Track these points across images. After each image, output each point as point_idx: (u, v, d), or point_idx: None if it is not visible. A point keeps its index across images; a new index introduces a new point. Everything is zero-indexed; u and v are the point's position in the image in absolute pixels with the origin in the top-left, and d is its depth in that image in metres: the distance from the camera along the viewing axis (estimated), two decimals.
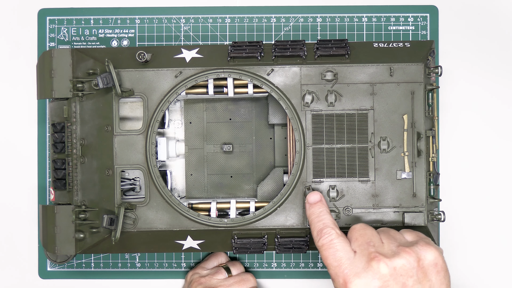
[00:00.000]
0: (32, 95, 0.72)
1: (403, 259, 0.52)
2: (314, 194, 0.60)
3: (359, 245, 0.54)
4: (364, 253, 0.53)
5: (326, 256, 0.55)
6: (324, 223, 0.57)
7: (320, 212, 0.58)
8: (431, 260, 0.53)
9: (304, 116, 0.62)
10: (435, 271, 0.53)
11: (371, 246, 0.54)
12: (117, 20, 0.72)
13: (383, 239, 0.55)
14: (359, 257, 0.53)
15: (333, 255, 0.54)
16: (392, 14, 0.71)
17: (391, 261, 0.52)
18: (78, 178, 0.62)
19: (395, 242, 0.55)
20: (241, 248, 0.62)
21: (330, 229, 0.56)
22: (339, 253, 0.54)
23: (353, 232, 0.56)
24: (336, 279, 0.53)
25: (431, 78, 0.63)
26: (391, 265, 0.52)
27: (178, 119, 0.70)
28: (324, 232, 0.56)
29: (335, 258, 0.54)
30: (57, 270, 0.72)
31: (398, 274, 0.52)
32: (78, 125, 0.62)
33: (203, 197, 0.70)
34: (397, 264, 0.52)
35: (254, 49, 0.62)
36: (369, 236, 0.55)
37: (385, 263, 0.52)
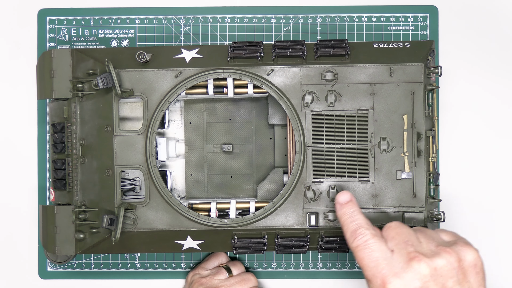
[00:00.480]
0: (32, 95, 0.72)
1: (444, 259, 0.51)
2: (344, 194, 0.58)
3: (396, 244, 0.53)
4: (403, 252, 0.51)
5: (361, 257, 0.53)
6: (357, 223, 0.55)
7: (352, 212, 0.56)
8: (471, 260, 0.52)
9: (304, 116, 0.62)
10: (475, 272, 0.52)
11: (409, 245, 0.52)
12: (117, 20, 0.72)
13: (421, 238, 0.53)
14: (397, 257, 0.52)
15: (369, 255, 0.52)
16: (392, 14, 0.71)
17: (432, 261, 0.50)
18: (78, 178, 0.62)
19: (433, 241, 0.53)
20: (241, 248, 0.62)
21: (364, 229, 0.54)
22: (375, 253, 0.52)
23: (389, 230, 0.54)
24: (374, 280, 0.51)
25: (431, 78, 0.63)
26: (432, 265, 0.50)
27: (178, 119, 0.70)
28: (359, 233, 0.54)
29: (371, 258, 0.52)
30: (57, 270, 0.72)
31: (439, 274, 0.50)
32: (78, 125, 0.62)
33: (203, 197, 0.70)
34: (438, 264, 0.50)
35: (254, 49, 0.62)
36: (406, 234, 0.53)
37: (426, 263, 0.50)
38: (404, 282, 0.50)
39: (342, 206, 0.57)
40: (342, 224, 0.57)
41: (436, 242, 0.53)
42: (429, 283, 0.50)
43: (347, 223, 0.56)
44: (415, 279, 0.50)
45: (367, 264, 0.52)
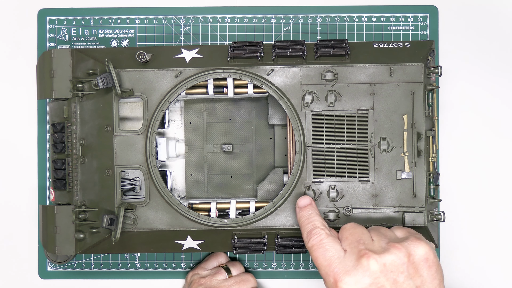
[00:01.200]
0: (32, 95, 0.72)
1: (392, 255, 0.52)
2: (304, 198, 0.60)
3: (349, 243, 0.54)
4: (354, 251, 0.53)
5: (316, 256, 0.54)
6: (313, 224, 0.57)
7: (310, 215, 0.58)
8: (421, 255, 0.52)
9: (304, 116, 0.62)
10: (427, 266, 0.52)
11: (361, 243, 0.53)
12: (117, 20, 0.72)
13: (373, 237, 0.55)
14: (349, 256, 0.53)
15: (323, 255, 0.54)
16: (392, 14, 0.71)
17: (381, 257, 0.51)
18: (78, 178, 0.62)
19: (385, 239, 0.54)
20: (241, 248, 0.62)
21: (320, 230, 0.56)
22: (329, 252, 0.54)
23: (343, 231, 0.56)
24: (327, 278, 0.53)
25: (431, 78, 0.63)
26: (381, 261, 0.51)
27: (178, 119, 0.70)
28: (314, 233, 0.56)
29: (325, 257, 0.53)
30: (57, 270, 0.72)
31: (389, 270, 0.51)
32: (78, 125, 0.62)
33: (203, 197, 0.70)
34: (387, 260, 0.51)
35: (254, 49, 0.62)
36: (359, 234, 0.54)
37: (375, 260, 0.51)
38: (355, 279, 0.51)
39: (301, 209, 0.59)
40: (300, 226, 0.58)
41: (388, 239, 0.54)
42: (380, 279, 0.51)
43: (304, 225, 0.58)
44: (365, 276, 0.51)
45: (321, 263, 0.54)
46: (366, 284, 0.51)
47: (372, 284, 0.51)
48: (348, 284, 0.51)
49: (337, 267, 0.52)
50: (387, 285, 0.51)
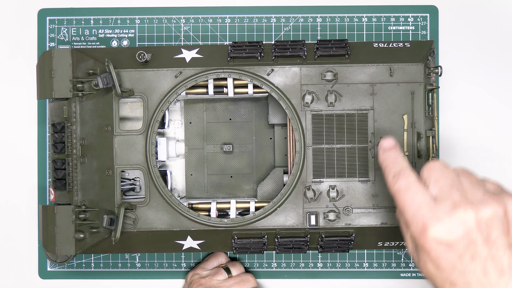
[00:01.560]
0: (32, 95, 0.72)
1: (490, 208, 0.48)
2: (388, 140, 0.55)
3: (441, 188, 0.50)
4: (448, 199, 0.49)
5: (403, 199, 0.50)
6: (401, 166, 0.52)
7: (396, 156, 0.54)
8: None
9: (304, 116, 0.62)
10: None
11: (455, 190, 0.49)
12: (117, 20, 0.72)
13: (465, 183, 0.50)
14: (442, 203, 0.49)
15: (412, 199, 0.50)
16: (392, 14, 0.71)
17: (479, 210, 0.48)
18: (78, 178, 0.62)
19: (479, 189, 0.50)
20: (241, 248, 0.62)
21: (409, 172, 0.51)
22: (419, 197, 0.49)
23: (432, 172, 0.51)
24: (413, 223, 0.49)
25: (431, 78, 0.63)
26: (479, 214, 0.47)
27: (178, 119, 0.70)
28: (402, 175, 0.51)
29: (413, 202, 0.49)
30: (57, 270, 0.72)
31: (484, 225, 0.48)
32: (78, 125, 0.62)
33: (203, 197, 0.70)
34: (484, 214, 0.48)
35: (254, 49, 0.62)
36: (452, 178, 0.50)
37: (473, 212, 0.47)
38: (447, 228, 0.48)
39: (386, 151, 0.55)
40: (385, 167, 0.54)
41: (483, 190, 0.50)
42: (473, 233, 0.48)
43: (390, 166, 0.53)
44: (459, 226, 0.47)
45: (408, 207, 0.50)
46: (458, 235, 0.47)
47: (464, 236, 0.47)
48: (440, 231, 0.48)
49: (428, 213, 0.48)
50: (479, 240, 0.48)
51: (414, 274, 0.72)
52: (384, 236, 0.63)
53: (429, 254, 0.49)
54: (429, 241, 0.48)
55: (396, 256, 0.72)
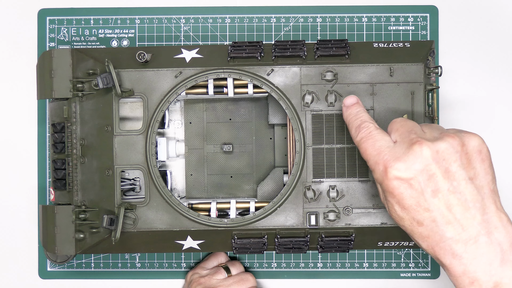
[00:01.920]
0: (32, 95, 0.72)
1: (446, 143, 0.49)
2: (350, 97, 0.59)
3: (400, 134, 0.52)
4: (405, 140, 0.51)
5: (365, 148, 0.53)
6: (362, 119, 0.55)
7: (358, 112, 0.57)
8: (475, 146, 0.50)
9: (304, 116, 0.62)
10: (480, 159, 0.50)
11: (412, 133, 0.51)
12: (117, 20, 0.72)
13: (425, 129, 0.53)
14: (399, 144, 0.51)
15: (372, 145, 0.52)
16: (392, 14, 0.71)
17: (434, 144, 0.49)
18: (78, 178, 0.62)
19: (437, 130, 0.52)
20: (241, 248, 0.62)
21: (368, 123, 0.54)
22: (379, 142, 0.52)
23: (393, 124, 0.54)
24: (376, 167, 0.51)
25: (431, 78, 0.63)
26: (434, 148, 0.49)
27: (178, 119, 0.70)
28: (363, 127, 0.54)
29: (374, 147, 0.52)
30: (57, 270, 0.72)
31: (441, 158, 0.49)
32: (78, 125, 0.62)
33: (203, 197, 0.70)
34: (440, 147, 0.49)
35: (254, 49, 0.62)
36: (410, 126, 0.53)
37: (428, 146, 0.49)
38: (405, 165, 0.49)
39: (348, 108, 0.58)
40: (348, 123, 0.57)
41: (440, 131, 0.52)
42: (431, 166, 0.49)
43: (352, 121, 0.56)
44: (417, 162, 0.49)
45: (370, 153, 0.52)
46: (417, 170, 0.49)
47: (423, 170, 0.49)
48: (399, 170, 0.49)
49: (388, 155, 0.51)
50: (438, 174, 0.49)
51: (414, 274, 0.72)
52: (384, 236, 0.63)
53: (393, 194, 0.50)
54: (391, 181, 0.50)
55: (396, 256, 0.72)
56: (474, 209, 0.49)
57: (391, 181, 0.50)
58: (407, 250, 0.72)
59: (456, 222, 0.49)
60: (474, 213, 0.49)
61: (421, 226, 0.50)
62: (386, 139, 0.53)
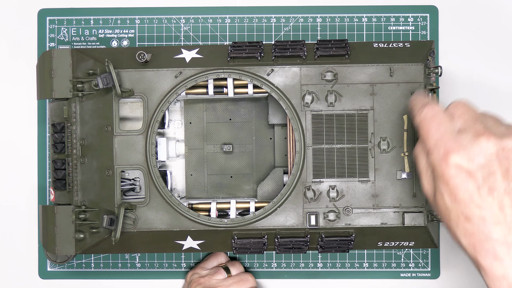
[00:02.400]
0: (32, 95, 0.72)
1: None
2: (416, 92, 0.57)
3: (465, 121, 0.50)
4: (471, 129, 0.49)
5: (428, 128, 0.50)
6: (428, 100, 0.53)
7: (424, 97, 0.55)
8: None
9: (304, 116, 0.62)
10: None
11: (478, 122, 0.49)
12: (117, 20, 0.72)
13: (490, 121, 0.51)
14: (465, 133, 0.49)
15: (436, 127, 0.50)
16: (392, 14, 0.71)
17: (501, 140, 0.47)
18: (78, 178, 0.62)
19: (503, 124, 0.50)
20: (241, 248, 0.62)
21: (435, 104, 0.52)
22: (444, 125, 0.50)
23: (456, 108, 0.52)
24: (436, 150, 0.49)
25: (431, 78, 0.63)
26: (501, 144, 0.47)
27: (178, 119, 0.70)
28: (428, 106, 0.52)
29: (438, 130, 0.50)
30: (57, 270, 0.72)
31: (505, 156, 0.47)
32: (78, 125, 0.62)
33: (203, 197, 0.70)
34: (507, 145, 0.47)
35: (254, 49, 0.62)
36: (476, 113, 0.51)
37: (495, 141, 0.47)
38: (468, 155, 0.47)
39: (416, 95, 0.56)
40: (412, 106, 0.55)
41: (506, 126, 0.50)
42: (493, 163, 0.47)
43: (417, 101, 0.54)
44: (481, 155, 0.47)
45: (432, 134, 0.50)
46: (479, 164, 0.47)
47: (485, 166, 0.47)
48: (461, 158, 0.47)
49: (451, 140, 0.48)
50: (498, 172, 0.47)
51: (414, 274, 0.72)
52: (384, 236, 0.63)
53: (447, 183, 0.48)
54: (450, 168, 0.48)
55: (396, 256, 0.72)
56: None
57: (450, 167, 0.48)
58: (407, 250, 0.72)
59: (504, 224, 0.47)
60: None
61: (468, 222, 0.48)
62: (451, 125, 0.50)
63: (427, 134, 0.51)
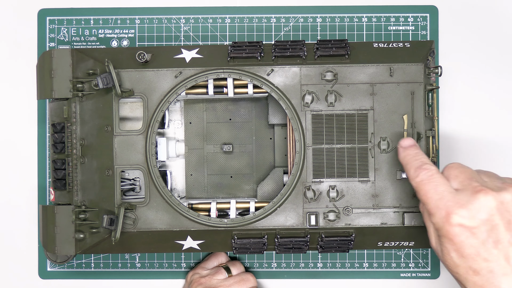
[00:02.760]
0: (32, 95, 0.72)
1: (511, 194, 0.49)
2: (407, 139, 0.58)
3: (461, 181, 0.52)
4: (468, 188, 0.50)
5: (426, 190, 0.52)
6: (422, 161, 0.54)
7: (417, 153, 0.56)
8: None
9: (304, 116, 0.62)
10: None
11: (474, 181, 0.51)
12: (117, 20, 0.72)
13: (484, 177, 0.52)
14: (463, 192, 0.50)
15: (434, 189, 0.51)
16: (392, 14, 0.71)
17: (499, 194, 0.49)
18: (78, 178, 0.62)
19: (498, 179, 0.52)
20: (241, 248, 0.62)
21: (430, 166, 0.54)
22: (441, 187, 0.51)
23: (451, 170, 0.53)
24: (438, 212, 0.50)
25: (431, 78, 0.63)
26: (499, 198, 0.49)
27: (178, 119, 0.70)
28: (424, 168, 0.53)
29: (436, 191, 0.51)
30: (57, 270, 0.72)
31: (505, 209, 0.49)
32: (78, 125, 0.62)
33: (203, 197, 0.70)
34: (505, 198, 0.49)
35: (254, 49, 0.62)
36: (470, 173, 0.52)
37: (493, 196, 0.49)
38: (470, 213, 0.49)
39: (406, 149, 0.57)
40: (406, 163, 0.56)
41: (501, 180, 0.52)
42: (495, 217, 0.49)
43: (411, 162, 0.55)
44: (481, 211, 0.49)
45: (431, 196, 0.51)
46: (481, 220, 0.49)
47: (487, 221, 0.49)
48: (462, 217, 0.49)
49: (451, 201, 0.50)
50: (501, 225, 0.49)
51: (414, 274, 0.72)
52: (384, 236, 0.63)
53: (452, 241, 0.50)
54: (453, 228, 0.49)
55: (396, 256, 0.72)
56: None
57: (453, 227, 0.49)
58: (407, 250, 0.72)
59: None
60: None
61: (477, 275, 0.49)
62: (448, 185, 0.52)
63: (425, 197, 0.52)
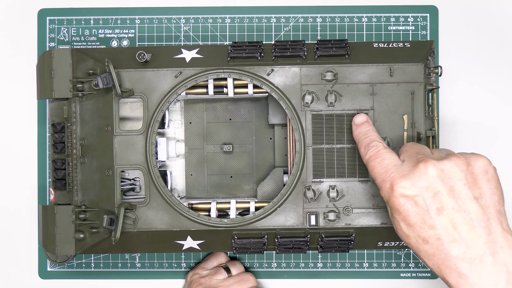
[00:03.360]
0: (32, 95, 0.72)
1: (451, 162, 0.50)
2: (360, 116, 0.60)
3: (408, 155, 0.53)
4: (412, 159, 0.52)
5: (373, 166, 0.54)
6: (371, 138, 0.57)
7: (367, 131, 0.58)
8: (481, 166, 0.50)
9: (304, 116, 0.62)
10: (486, 179, 0.50)
11: (420, 154, 0.52)
12: (117, 20, 0.72)
13: (433, 151, 0.54)
14: (406, 163, 0.52)
15: (380, 163, 0.53)
16: (392, 14, 0.71)
17: (439, 163, 0.50)
18: (78, 178, 0.62)
19: (445, 152, 0.53)
20: (241, 248, 0.62)
21: (377, 142, 0.56)
22: (386, 161, 0.53)
23: (404, 147, 0.55)
24: (383, 185, 0.52)
25: (431, 78, 0.63)
26: (439, 166, 0.50)
27: (178, 119, 0.70)
28: (372, 145, 0.56)
29: (382, 165, 0.53)
30: (57, 270, 0.72)
31: (446, 176, 0.50)
32: (78, 125, 0.62)
33: (203, 197, 0.70)
34: (445, 166, 0.50)
35: (254, 49, 0.62)
36: (419, 148, 0.54)
37: (433, 164, 0.50)
38: (411, 182, 0.50)
39: (358, 126, 0.59)
40: (357, 141, 0.59)
41: (447, 152, 0.53)
42: (436, 183, 0.50)
43: (362, 139, 0.58)
44: (422, 179, 0.50)
45: (378, 171, 0.53)
46: (422, 187, 0.50)
47: (428, 188, 0.50)
48: (404, 187, 0.50)
49: (394, 173, 0.52)
50: (444, 191, 0.50)
51: (414, 274, 0.72)
52: (384, 236, 0.63)
53: (399, 211, 0.51)
54: (397, 198, 0.51)
55: (396, 256, 0.72)
56: (479, 229, 0.49)
57: (397, 198, 0.51)
58: (407, 250, 0.72)
59: (461, 241, 0.49)
60: (479, 232, 0.49)
61: (426, 244, 0.50)
62: (393, 158, 0.54)
63: (373, 172, 0.54)
